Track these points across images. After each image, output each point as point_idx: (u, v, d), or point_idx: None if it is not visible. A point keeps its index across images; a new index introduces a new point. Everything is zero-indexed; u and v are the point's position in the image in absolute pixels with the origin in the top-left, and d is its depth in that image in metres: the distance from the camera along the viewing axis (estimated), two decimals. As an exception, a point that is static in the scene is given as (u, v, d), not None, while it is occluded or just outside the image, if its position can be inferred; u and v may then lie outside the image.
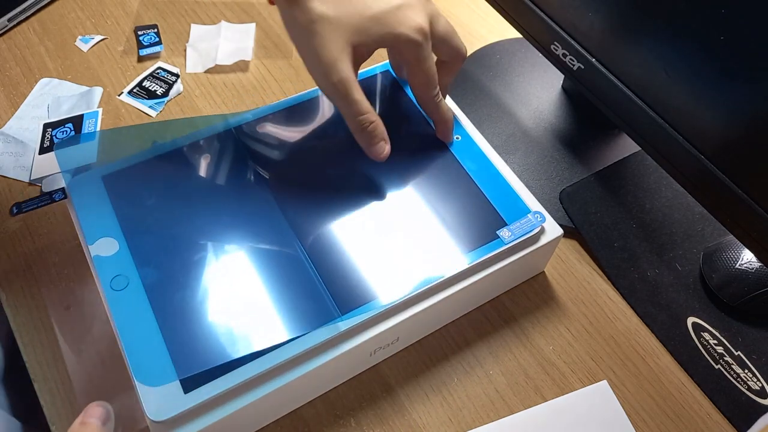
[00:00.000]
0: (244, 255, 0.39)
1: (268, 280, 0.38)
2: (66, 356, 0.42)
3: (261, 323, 0.36)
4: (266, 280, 0.38)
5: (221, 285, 0.38)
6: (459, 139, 0.45)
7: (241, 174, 0.43)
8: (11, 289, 0.44)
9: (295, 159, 0.44)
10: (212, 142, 0.44)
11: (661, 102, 0.40)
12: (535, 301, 0.46)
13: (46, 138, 0.52)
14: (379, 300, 0.38)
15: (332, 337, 0.36)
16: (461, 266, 0.39)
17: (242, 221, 0.41)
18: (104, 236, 0.39)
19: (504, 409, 0.41)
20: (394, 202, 0.42)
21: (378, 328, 0.38)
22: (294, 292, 0.38)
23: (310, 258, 0.39)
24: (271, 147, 0.45)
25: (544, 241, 0.42)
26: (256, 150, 0.44)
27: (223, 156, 0.44)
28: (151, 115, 0.54)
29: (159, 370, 0.34)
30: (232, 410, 0.34)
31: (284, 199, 0.42)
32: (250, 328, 0.36)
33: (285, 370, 0.36)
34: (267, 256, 0.39)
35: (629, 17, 0.40)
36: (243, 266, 0.39)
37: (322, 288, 0.38)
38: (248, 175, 0.43)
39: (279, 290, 0.38)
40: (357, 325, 0.37)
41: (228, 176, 0.43)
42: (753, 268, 0.44)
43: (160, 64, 0.57)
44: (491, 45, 0.59)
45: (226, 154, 0.44)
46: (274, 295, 0.37)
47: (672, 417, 0.41)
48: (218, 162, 0.43)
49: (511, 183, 0.43)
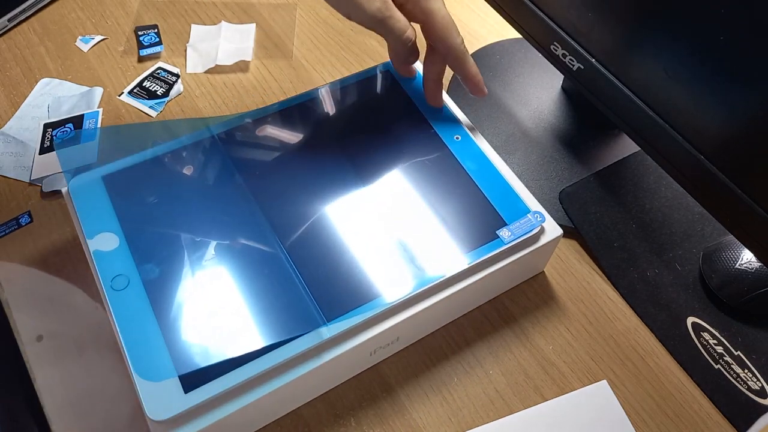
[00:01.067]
0: (243, 253, 0.39)
1: (268, 278, 0.38)
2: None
3: (260, 322, 0.37)
4: (265, 278, 0.38)
5: (221, 284, 0.38)
6: (459, 139, 0.45)
7: (239, 175, 0.43)
8: (11, 288, 0.45)
9: (294, 159, 0.44)
10: (210, 144, 0.44)
11: (660, 102, 0.40)
12: (535, 301, 0.46)
13: (47, 138, 0.52)
14: (380, 299, 0.38)
15: (332, 337, 0.36)
16: (461, 266, 0.39)
17: (242, 221, 0.41)
18: (103, 231, 0.39)
19: (504, 409, 0.41)
20: (394, 202, 0.42)
21: (378, 327, 0.38)
22: (294, 291, 0.38)
23: (308, 261, 0.39)
24: (269, 148, 0.45)
25: (544, 240, 0.42)
26: (253, 151, 0.44)
27: (220, 157, 0.44)
28: (152, 116, 0.54)
29: (158, 365, 0.35)
30: (233, 410, 0.34)
31: (278, 202, 0.42)
32: (250, 327, 0.36)
33: (285, 370, 0.36)
34: (265, 254, 0.39)
35: (629, 17, 0.40)
36: (242, 264, 0.39)
37: (323, 287, 0.38)
38: (246, 175, 0.43)
39: (278, 289, 0.38)
40: (357, 325, 0.37)
41: (226, 177, 0.43)
42: (753, 268, 0.44)
43: (161, 64, 0.57)
44: (491, 45, 0.59)
45: (224, 156, 0.44)
46: (273, 294, 0.38)
47: (672, 417, 0.41)
48: (216, 163, 0.43)
49: (511, 183, 0.43)
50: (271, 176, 0.43)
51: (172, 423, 0.34)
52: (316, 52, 0.59)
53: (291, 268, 0.39)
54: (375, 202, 0.42)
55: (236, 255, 0.39)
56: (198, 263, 0.39)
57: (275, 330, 0.36)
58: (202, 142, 0.44)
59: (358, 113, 0.47)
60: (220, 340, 0.36)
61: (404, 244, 0.40)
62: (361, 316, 0.37)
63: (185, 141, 0.44)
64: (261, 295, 0.38)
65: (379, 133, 0.45)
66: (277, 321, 0.37)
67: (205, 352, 0.35)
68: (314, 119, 0.46)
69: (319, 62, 0.58)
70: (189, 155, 0.43)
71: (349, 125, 0.46)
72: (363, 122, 0.46)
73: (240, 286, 0.38)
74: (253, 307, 0.37)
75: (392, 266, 0.39)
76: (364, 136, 0.45)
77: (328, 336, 0.36)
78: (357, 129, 0.46)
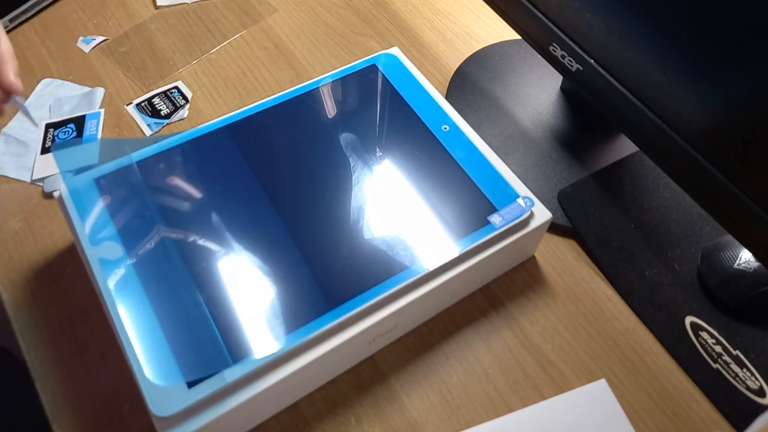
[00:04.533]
0: (240, 253, 0.40)
1: (267, 270, 0.39)
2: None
3: (262, 316, 0.37)
4: (264, 269, 0.39)
5: (220, 279, 0.38)
6: (446, 129, 0.46)
7: (235, 172, 0.43)
8: (13, 288, 0.45)
9: (287, 154, 0.45)
10: (205, 141, 0.45)
11: (659, 103, 0.41)
12: (533, 300, 0.46)
13: (48, 138, 0.52)
14: (379, 286, 0.38)
15: (331, 326, 0.37)
16: (457, 251, 0.40)
17: (237, 220, 0.41)
18: (100, 235, 0.39)
19: (503, 408, 0.41)
20: (387, 192, 0.43)
21: (378, 314, 0.38)
22: (290, 286, 0.38)
23: (305, 252, 0.40)
24: (264, 144, 0.45)
25: (534, 225, 0.43)
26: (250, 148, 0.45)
27: (215, 155, 0.44)
28: (146, 133, 0.53)
29: (161, 363, 0.35)
30: (236, 403, 0.35)
31: (277, 194, 0.42)
32: (252, 321, 0.37)
33: (287, 360, 0.36)
34: (262, 252, 0.40)
35: (628, 18, 0.40)
36: (243, 258, 0.39)
37: (318, 281, 0.38)
38: (242, 173, 0.43)
39: (278, 280, 0.38)
40: (357, 313, 0.38)
41: (222, 175, 0.43)
42: (751, 268, 0.44)
43: (179, 83, 0.56)
44: (490, 46, 0.60)
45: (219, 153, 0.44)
46: (273, 286, 0.38)
47: (670, 416, 0.41)
48: (211, 161, 0.44)
49: (499, 169, 0.44)
50: (268, 170, 0.43)
51: (176, 419, 0.34)
52: (316, 53, 0.59)
53: (287, 261, 0.39)
54: (367, 194, 0.43)
55: (236, 249, 0.39)
56: (195, 261, 0.39)
57: (278, 322, 0.37)
58: (194, 141, 0.44)
59: (347, 107, 0.47)
60: (221, 335, 0.36)
61: (399, 232, 0.41)
62: (361, 303, 0.38)
63: (181, 139, 0.44)
64: (260, 287, 0.38)
65: (367, 126, 0.46)
66: (280, 313, 0.37)
67: (206, 347, 0.36)
68: (303, 114, 0.47)
69: (319, 62, 0.58)
70: (182, 154, 0.44)
71: (338, 119, 0.47)
72: (351, 116, 0.47)
73: (240, 280, 0.38)
74: (255, 301, 0.38)
75: (389, 254, 0.40)
76: (352, 129, 0.46)
77: (328, 325, 0.37)
78: (346, 123, 0.46)
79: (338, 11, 0.62)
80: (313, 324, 0.37)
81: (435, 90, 0.48)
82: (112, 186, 0.42)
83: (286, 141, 0.45)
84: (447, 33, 0.61)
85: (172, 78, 0.57)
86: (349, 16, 0.62)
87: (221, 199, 0.42)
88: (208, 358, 0.35)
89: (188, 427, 0.34)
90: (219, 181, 0.43)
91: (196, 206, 0.41)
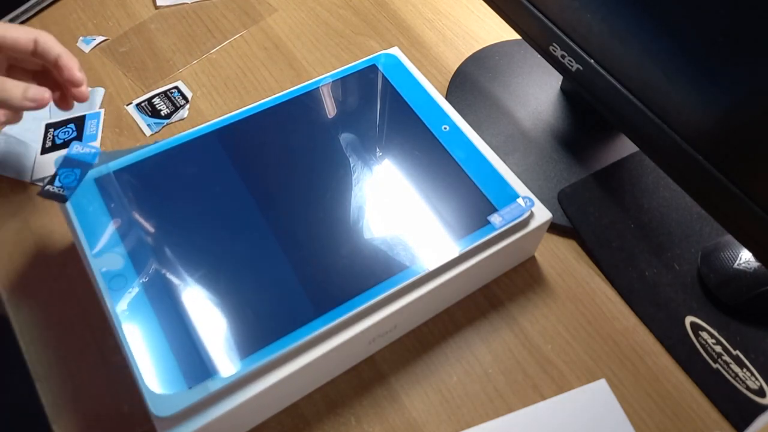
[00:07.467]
0: (242, 253, 0.40)
1: (265, 271, 0.39)
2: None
3: (261, 316, 0.37)
4: (263, 271, 0.39)
5: (218, 281, 0.38)
6: (446, 129, 0.46)
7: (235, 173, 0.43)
8: (13, 288, 0.45)
9: (287, 155, 0.45)
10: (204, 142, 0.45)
11: (659, 103, 0.41)
12: (533, 300, 0.46)
13: (48, 138, 0.52)
14: (380, 286, 0.38)
15: (331, 327, 0.37)
16: (458, 251, 0.40)
17: (240, 220, 0.41)
18: (100, 238, 0.39)
19: (503, 407, 0.41)
20: (387, 192, 0.43)
21: (378, 314, 0.38)
22: (290, 286, 0.38)
23: (304, 252, 0.40)
24: (265, 144, 0.45)
25: (534, 225, 0.43)
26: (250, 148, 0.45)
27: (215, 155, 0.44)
28: (146, 134, 0.53)
29: (161, 363, 0.35)
30: (236, 403, 0.35)
31: (278, 195, 0.42)
32: (251, 321, 0.37)
33: (287, 361, 0.36)
34: (263, 251, 0.40)
35: (628, 18, 0.40)
36: (239, 258, 0.39)
37: (318, 280, 0.38)
38: (242, 173, 0.43)
39: (275, 281, 0.38)
40: (357, 312, 0.38)
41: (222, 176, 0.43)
42: (751, 268, 0.44)
43: (179, 84, 0.56)
44: (490, 47, 0.60)
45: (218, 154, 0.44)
46: (271, 286, 0.38)
47: (670, 416, 0.41)
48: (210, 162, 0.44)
49: (499, 169, 0.44)
50: (264, 172, 0.43)
51: (176, 419, 0.34)
52: (316, 53, 0.59)
53: (288, 261, 0.39)
54: (368, 193, 0.43)
55: (237, 250, 0.40)
56: (194, 262, 0.39)
57: (276, 323, 0.37)
58: (190, 144, 0.44)
59: (347, 107, 0.47)
60: (221, 335, 0.36)
61: (400, 233, 0.41)
62: (361, 303, 0.37)
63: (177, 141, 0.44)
64: (261, 287, 0.38)
65: (367, 126, 0.46)
66: (280, 313, 0.37)
67: (206, 347, 0.36)
68: (303, 115, 0.47)
69: (319, 62, 0.58)
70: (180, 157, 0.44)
71: (338, 120, 0.47)
72: (351, 116, 0.47)
73: (240, 279, 0.38)
74: (254, 301, 0.38)
75: (389, 254, 0.40)
76: (352, 129, 0.46)
77: (328, 325, 0.37)
78: (346, 123, 0.46)
79: (338, 11, 0.62)
80: (312, 324, 0.37)
81: (435, 90, 0.48)
82: (113, 187, 0.42)
83: (287, 141, 0.45)
84: (447, 33, 0.61)
85: (172, 78, 0.57)
86: (349, 16, 0.62)
87: (222, 201, 0.42)
88: (210, 359, 0.35)
89: (188, 427, 0.34)
90: (219, 182, 0.43)
91: (197, 208, 0.41)
